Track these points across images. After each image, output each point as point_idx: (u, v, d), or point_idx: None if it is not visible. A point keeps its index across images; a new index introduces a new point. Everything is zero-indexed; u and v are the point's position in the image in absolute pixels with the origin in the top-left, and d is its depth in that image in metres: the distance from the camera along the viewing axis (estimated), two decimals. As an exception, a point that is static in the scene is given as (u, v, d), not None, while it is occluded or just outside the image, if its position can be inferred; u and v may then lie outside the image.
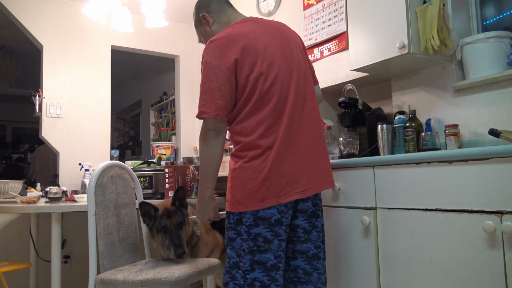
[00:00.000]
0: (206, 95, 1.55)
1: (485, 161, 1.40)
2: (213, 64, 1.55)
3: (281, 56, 1.62)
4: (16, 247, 3.15)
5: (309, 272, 1.63)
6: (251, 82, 1.55)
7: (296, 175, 1.55)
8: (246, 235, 1.53)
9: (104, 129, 3.73)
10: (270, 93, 1.57)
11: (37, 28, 3.50)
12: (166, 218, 2.05)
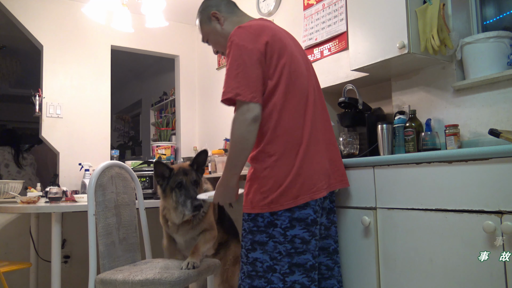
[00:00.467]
0: (240, 77, 1.48)
1: (485, 161, 1.40)
2: (246, 47, 1.50)
3: (298, 54, 1.65)
4: (16, 247, 3.15)
5: (331, 267, 1.67)
6: (279, 70, 1.53)
7: (321, 171, 1.56)
8: (283, 238, 1.49)
9: (104, 129, 3.73)
10: (296, 86, 1.56)
11: (37, 28, 3.50)
12: (182, 175, 2.02)
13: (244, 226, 1.57)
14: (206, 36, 1.82)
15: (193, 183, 2.03)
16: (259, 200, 1.52)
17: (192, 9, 3.98)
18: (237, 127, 1.50)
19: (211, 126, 3.98)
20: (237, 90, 1.48)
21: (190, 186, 2.00)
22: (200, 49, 4.28)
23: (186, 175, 2.02)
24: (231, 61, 1.51)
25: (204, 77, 4.18)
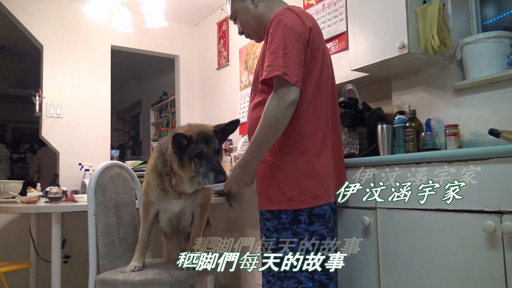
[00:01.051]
0: (288, 57, 1.39)
1: (485, 161, 1.40)
2: (296, 29, 1.43)
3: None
4: (16, 247, 3.15)
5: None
6: (314, 61, 1.51)
7: (332, 175, 1.56)
8: (308, 234, 1.46)
9: (104, 129, 3.73)
10: (323, 82, 1.54)
11: (37, 28, 3.50)
12: (204, 143, 1.78)
13: (268, 225, 1.50)
14: (235, 14, 1.69)
15: (216, 153, 1.80)
16: (277, 196, 1.47)
17: (192, 9, 4.01)
18: (273, 107, 1.39)
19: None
20: (285, 69, 1.38)
21: (212, 156, 1.78)
22: (200, 49, 4.28)
23: (207, 143, 1.78)
24: (278, 40, 1.42)
25: (204, 77, 4.18)
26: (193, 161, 1.76)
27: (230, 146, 3.44)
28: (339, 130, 1.71)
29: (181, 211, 2.01)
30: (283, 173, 1.46)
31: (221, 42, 3.87)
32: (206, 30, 4.16)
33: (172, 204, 1.97)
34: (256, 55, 3.35)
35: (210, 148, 1.78)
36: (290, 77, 1.38)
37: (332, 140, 1.60)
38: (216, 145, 1.81)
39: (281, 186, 1.46)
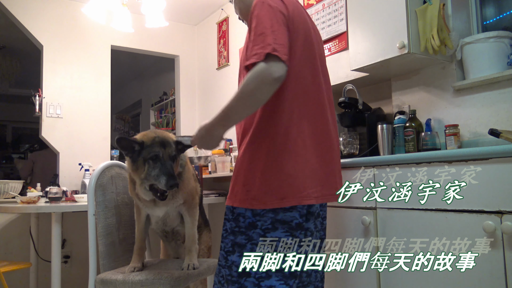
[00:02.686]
0: (277, 35, 1.28)
1: (485, 161, 1.40)
2: (280, 10, 1.34)
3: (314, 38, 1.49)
4: (16, 247, 3.15)
5: (309, 273, 1.51)
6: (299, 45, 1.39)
7: (315, 178, 1.37)
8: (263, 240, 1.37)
9: (104, 129, 3.73)
10: (305, 74, 1.41)
11: (37, 28, 3.50)
12: (159, 146, 1.74)
13: (226, 226, 1.43)
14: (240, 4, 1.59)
15: (171, 158, 1.76)
16: (241, 193, 1.36)
17: (192, 9, 4.01)
18: (253, 79, 1.25)
19: (211, 126, 3.97)
20: (274, 46, 1.25)
21: (167, 160, 1.73)
22: (200, 49, 4.28)
23: (163, 147, 1.74)
24: (264, 19, 1.31)
25: (204, 77, 4.18)
26: (147, 164, 1.73)
27: (230, 146, 3.44)
28: (334, 132, 1.50)
29: (165, 214, 1.98)
30: (250, 170, 1.35)
31: (221, 42, 3.87)
32: (206, 30, 4.16)
33: (153, 209, 1.94)
34: (256, 55, 3.35)
35: (166, 152, 1.74)
36: (280, 52, 1.25)
37: (325, 142, 1.44)
38: (173, 151, 1.76)
39: (245, 183, 1.35)
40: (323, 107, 1.44)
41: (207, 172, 3.34)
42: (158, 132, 1.83)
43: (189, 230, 1.98)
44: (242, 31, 3.58)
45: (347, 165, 1.89)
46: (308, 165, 1.36)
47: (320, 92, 1.44)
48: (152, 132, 1.82)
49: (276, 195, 1.32)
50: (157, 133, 1.81)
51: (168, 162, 1.74)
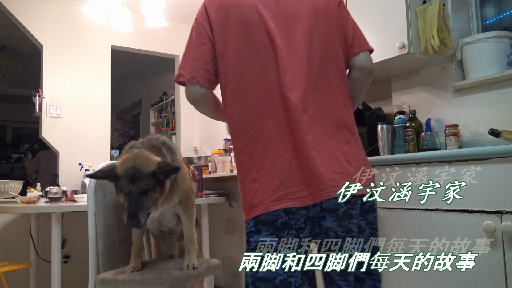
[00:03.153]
0: (184, 57, 1.34)
1: (485, 161, 1.40)
2: (197, 19, 1.33)
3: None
4: (16, 247, 3.15)
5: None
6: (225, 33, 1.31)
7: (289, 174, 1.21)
8: (247, 246, 1.27)
9: (104, 129, 3.73)
10: (251, 53, 1.30)
11: (37, 28, 3.50)
12: (128, 181, 1.62)
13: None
14: None
15: (142, 193, 1.63)
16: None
17: (192, 9, 3.98)
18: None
19: (211, 126, 3.98)
20: (180, 71, 1.31)
21: (134, 196, 1.62)
22: (200, 49, 4.27)
23: (133, 183, 1.61)
24: (187, 43, 1.34)
25: (204, 77, 4.17)
26: (123, 194, 1.67)
27: (230, 146, 3.44)
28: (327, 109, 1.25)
29: (160, 215, 1.95)
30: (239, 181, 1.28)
31: (221, 42, 3.87)
32: (206, 30, 4.15)
33: None
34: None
35: (135, 188, 1.61)
36: (184, 76, 1.27)
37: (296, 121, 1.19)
38: (143, 187, 1.62)
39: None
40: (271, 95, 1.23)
41: (207, 172, 3.35)
42: (139, 159, 1.65)
43: (187, 230, 1.97)
44: (242, 31, 3.58)
45: (347, 165, 1.88)
46: (275, 162, 1.21)
47: (266, 74, 1.24)
48: (131, 159, 1.65)
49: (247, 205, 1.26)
50: (136, 160, 1.64)
51: (135, 198, 1.62)
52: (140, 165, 1.63)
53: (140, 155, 1.67)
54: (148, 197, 1.64)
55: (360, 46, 1.36)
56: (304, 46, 1.25)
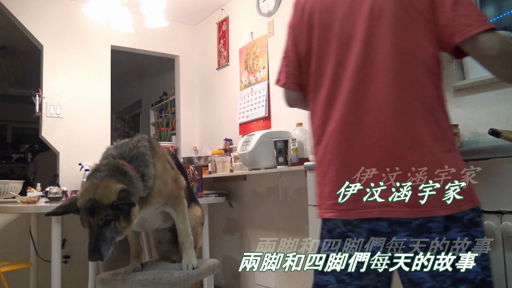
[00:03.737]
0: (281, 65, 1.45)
1: (485, 161, 1.40)
2: (288, 24, 1.39)
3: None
4: (16, 247, 3.15)
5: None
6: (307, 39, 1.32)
7: (335, 181, 1.20)
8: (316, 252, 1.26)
9: (104, 129, 3.73)
10: (326, 58, 1.24)
11: (37, 28, 3.50)
12: (87, 214, 1.58)
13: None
14: None
15: (104, 224, 1.57)
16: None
17: (192, 9, 4.01)
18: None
19: (211, 126, 3.98)
20: (276, 77, 1.46)
21: (95, 229, 1.58)
22: (200, 49, 4.28)
23: (92, 215, 1.56)
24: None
25: (204, 77, 4.18)
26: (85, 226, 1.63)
27: (230, 146, 3.44)
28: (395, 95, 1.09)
29: (141, 219, 1.89)
30: None
31: (221, 42, 3.87)
32: (206, 30, 4.16)
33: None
34: (256, 55, 3.35)
35: (95, 220, 1.57)
36: (280, 81, 1.39)
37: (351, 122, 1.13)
38: (103, 219, 1.57)
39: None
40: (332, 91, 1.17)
41: (207, 172, 3.35)
42: (97, 189, 1.59)
43: (180, 225, 1.93)
44: (242, 31, 3.59)
45: (347, 165, 1.88)
46: (325, 166, 1.20)
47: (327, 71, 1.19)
48: (90, 190, 1.60)
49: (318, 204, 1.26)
50: (96, 191, 1.58)
51: (96, 230, 1.58)
52: (99, 196, 1.57)
53: (100, 184, 1.59)
54: (111, 228, 1.58)
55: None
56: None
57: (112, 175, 1.63)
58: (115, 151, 1.77)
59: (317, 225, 2.08)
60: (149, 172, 1.73)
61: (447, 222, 1.07)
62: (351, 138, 1.13)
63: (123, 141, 1.84)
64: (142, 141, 1.81)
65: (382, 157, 1.10)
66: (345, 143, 1.14)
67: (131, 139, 1.84)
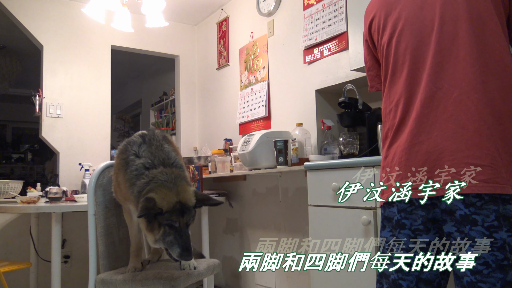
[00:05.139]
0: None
1: (485, 161, 1.39)
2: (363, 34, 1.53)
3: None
4: (16, 247, 3.15)
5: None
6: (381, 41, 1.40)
7: (401, 161, 1.26)
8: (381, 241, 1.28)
9: (104, 129, 3.73)
10: (401, 48, 1.30)
11: (37, 28, 3.50)
12: (178, 215, 1.64)
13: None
14: None
15: (187, 225, 1.67)
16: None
17: (192, 9, 4.01)
18: None
19: (211, 126, 3.98)
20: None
21: (183, 229, 1.65)
22: (200, 49, 4.28)
23: (182, 215, 1.64)
24: None
25: (204, 77, 4.18)
26: (163, 228, 1.65)
27: (230, 146, 3.44)
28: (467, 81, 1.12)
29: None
30: None
31: (221, 42, 3.87)
32: (206, 30, 4.16)
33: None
34: (256, 55, 3.35)
35: (184, 220, 1.65)
36: (370, 86, 1.51)
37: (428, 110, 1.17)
38: (190, 219, 1.67)
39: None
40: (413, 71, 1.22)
41: (207, 172, 3.35)
42: (182, 193, 1.67)
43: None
44: (242, 31, 3.59)
45: (347, 165, 1.89)
46: (396, 151, 1.27)
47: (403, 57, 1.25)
48: (174, 193, 1.66)
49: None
50: (179, 195, 1.66)
51: (185, 231, 1.65)
52: (185, 198, 1.67)
53: (179, 189, 1.68)
54: (189, 228, 1.70)
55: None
56: None
57: (180, 178, 1.74)
58: (152, 161, 1.78)
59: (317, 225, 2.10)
60: (187, 175, 1.89)
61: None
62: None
63: (144, 148, 1.83)
64: (165, 144, 1.91)
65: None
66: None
67: (149, 144, 1.85)
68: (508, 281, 1.05)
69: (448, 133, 1.13)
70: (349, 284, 1.86)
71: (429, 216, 1.18)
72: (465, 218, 1.10)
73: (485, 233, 1.07)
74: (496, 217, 1.07)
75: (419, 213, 1.19)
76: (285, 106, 3.03)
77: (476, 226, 1.08)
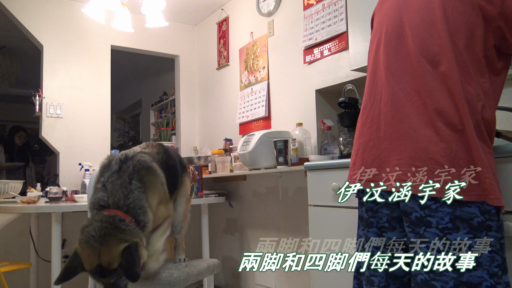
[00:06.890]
0: None
1: (485, 161, 1.39)
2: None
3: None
4: (16, 247, 3.15)
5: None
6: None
7: (366, 150, 1.41)
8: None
9: (104, 129, 3.73)
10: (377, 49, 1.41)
11: (37, 28, 3.50)
12: (99, 277, 1.59)
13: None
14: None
15: (117, 280, 1.58)
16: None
17: (192, 9, 4.01)
18: None
19: (211, 126, 3.98)
20: None
21: (108, 286, 1.59)
22: (200, 49, 4.28)
23: (103, 277, 1.57)
24: None
25: (204, 77, 4.18)
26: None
27: (230, 146, 3.44)
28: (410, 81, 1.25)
29: None
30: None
31: (221, 42, 3.87)
32: (206, 30, 4.16)
33: None
34: (256, 55, 3.35)
35: (106, 281, 1.57)
36: None
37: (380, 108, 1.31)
38: (114, 277, 1.56)
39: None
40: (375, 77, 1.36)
41: (207, 172, 3.35)
42: (103, 256, 1.55)
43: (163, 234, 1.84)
44: (242, 31, 3.59)
45: (347, 165, 1.88)
46: (359, 142, 1.44)
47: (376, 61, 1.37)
48: (96, 255, 1.56)
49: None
50: (101, 257, 1.55)
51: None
52: (105, 262, 1.54)
53: (102, 250, 1.54)
54: (123, 278, 1.56)
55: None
56: None
57: (110, 234, 1.56)
58: (108, 198, 1.63)
59: (317, 225, 2.10)
60: (147, 219, 1.66)
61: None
62: None
63: (112, 179, 1.66)
64: (134, 179, 1.66)
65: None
66: None
67: (120, 175, 1.67)
68: (462, 281, 1.08)
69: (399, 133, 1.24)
70: (349, 284, 1.85)
71: (393, 215, 1.25)
72: (420, 220, 1.14)
73: (439, 234, 1.12)
74: (450, 219, 1.12)
75: (384, 211, 1.26)
76: (285, 106, 3.03)
77: (430, 228, 1.13)
